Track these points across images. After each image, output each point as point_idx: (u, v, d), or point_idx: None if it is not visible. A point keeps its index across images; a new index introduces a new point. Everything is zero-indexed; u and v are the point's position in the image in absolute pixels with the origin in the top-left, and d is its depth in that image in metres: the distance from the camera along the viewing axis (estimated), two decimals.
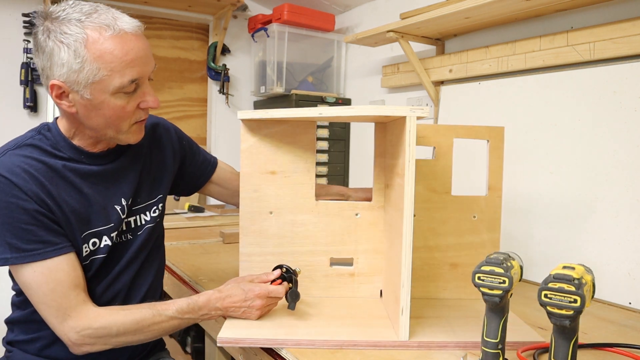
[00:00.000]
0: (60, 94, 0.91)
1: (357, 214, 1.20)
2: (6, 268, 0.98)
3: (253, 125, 1.17)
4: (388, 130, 1.15)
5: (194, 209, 2.47)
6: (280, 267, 1.09)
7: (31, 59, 2.17)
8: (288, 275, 1.07)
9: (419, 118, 0.94)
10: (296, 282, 1.07)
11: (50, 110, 2.18)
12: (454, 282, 1.21)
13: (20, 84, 2.16)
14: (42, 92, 2.22)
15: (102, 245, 1.00)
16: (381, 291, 1.20)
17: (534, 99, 1.57)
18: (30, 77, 2.17)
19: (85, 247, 0.98)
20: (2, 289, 1.32)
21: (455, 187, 1.22)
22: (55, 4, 0.91)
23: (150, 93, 0.96)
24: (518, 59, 1.60)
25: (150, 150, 1.12)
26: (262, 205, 1.18)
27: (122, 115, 0.93)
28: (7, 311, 1.08)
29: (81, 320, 0.91)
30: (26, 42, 2.17)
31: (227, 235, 1.88)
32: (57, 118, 1.02)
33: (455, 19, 1.66)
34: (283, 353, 0.92)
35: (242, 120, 1.15)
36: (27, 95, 2.17)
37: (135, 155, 1.08)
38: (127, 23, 0.90)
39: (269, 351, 0.96)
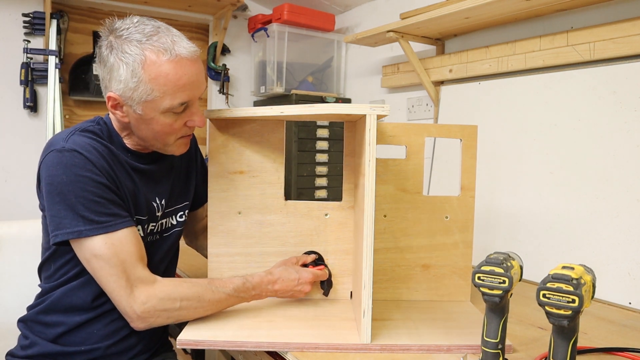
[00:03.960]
0: (115, 105, 0.98)
1: (326, 214, 1.19)
2: (28, 261, 0.98)
3: (221, 124, 1.17)
4: (357, 129, 1.14)
5: None
6: (313, 252, 1.18)
7: (31, 59, 2.18)
8: (320, 262, 1.17)
9: (379, 117, 0.94)
10: (329, 270, 1.17)
11: (50, 111, 2.17)
12: (425, 284, 1.20)
13: (20, 84, 2.16)
14: (42, 92, 2.22)
15: None
16: (351, 293, 1.19)
17: (534, 99, 1.57)
18: (30, 77, 2.17)
19: None
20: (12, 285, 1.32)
21: (434, 188, 1.21)
22: (121, 20, 0.97)
23: (198, 113, 1.02)
24: (518, 59, 1.60)
25: (181, 158, 1.19)
26: (230, 205, 1.18)
27: (169, 131, 1.00)
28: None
29: (148, 291, 0.96)
30: (26, 42, 2.16)
31: None
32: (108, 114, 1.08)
33: (455, 19, 1.66)
34: (288, 357, 0.92)
35: (210, 119, 1.15)
36: (27, 95, 2.17)
37: (171, 162, 1.15)
38: (185, 48, 0.96)
39: (272, 353, 0.95)
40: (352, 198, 1.18)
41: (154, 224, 1.10)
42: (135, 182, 1.04)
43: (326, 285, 1.16)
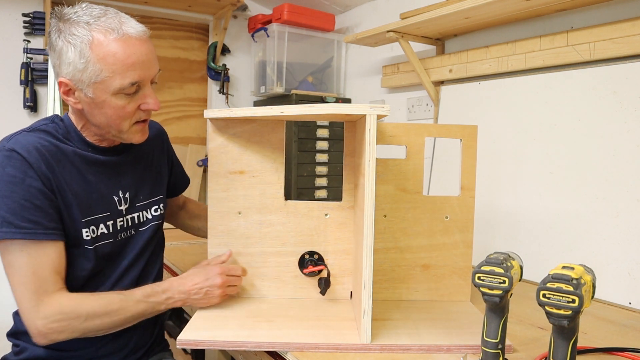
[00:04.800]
0: (67, 91, 0.97)
1: (326, 214, 1.18)
2: None
3: (221, 125, 1.16)
4: (357, 129, 1.13)
5: None
6: (313, 252, 1.18)
7: (31, 59, 2.18)
8: (320, 262, 1.17)
9: (379, 117, 0.94)
10: (327, 269, 1.16)
11: (50, 111, 2.17)
12: (425, 284, 1.20)
13: (20, 84, 2.16)
14: (42, 92, 2.22)
15: (99, 233, 1.03)
16: (351, 293, 1.19)
17: (534, 99, 1.57)
18: (30, 77, 2.17)
19: (87, 232, 1.01)
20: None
21: (434, 188, 1.21)
22: (69, 7, 0.96)
23: (151, 95, 1.00)
24: (518, 59, 1.60)
25: (152, 151, 1.18)
26: (230, 205, 1.17)
27: (122, 114, 0.98)
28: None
29: (53, 306, 0.92)
30: (26, 42, 2.16)
31: None
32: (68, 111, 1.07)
33: (455, 19, 1.66)
34: (288, 357, 0.92)
35: (210, 119, 1.14)
36: (27, 95, 2.17)
37: (137, 154, 1.13)
38: (133, 28, 0.94)
39: (272, 353, 0.95)
40: (352, 198, 1.18)
41: (121, 219, 1.08)
42: (88, 181, 1.01)
43: (323, 284, 1.15)
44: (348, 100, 2.59)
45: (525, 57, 1.58)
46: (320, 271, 1.17)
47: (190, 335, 0.95)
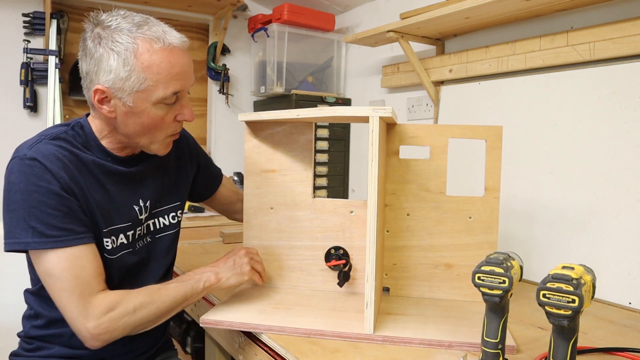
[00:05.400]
0: (102, 99, 0.95)
1: (351, 212, 1.23)
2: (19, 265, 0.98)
3: (255, 127, 1.24)
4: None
5: (194, 209, 2.47)
6: (339, 247, 1.23)
7: (31, 59, 2.18)
8: (343, 256, 1.21)
9: (382, 118, 0.97)
10: (350, 264, 1.21)
11: (50, 111, 2.17)
12: (448, 283, 1.21)
13: (20, 84, 2.16)
14: (42, 92, 2.22)
15: (118, 243, 1.03)
16: None
17: (534, 99, 1.57)
18: (30, 77, 2.17)
19: (107, 242, 0.99)
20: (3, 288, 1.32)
21: (452, 188, 1.21)
22: (106, 13, 0.94)
23: (187, 106, 1.01)
24: (518, 59, 1.60)
25: (169, 157, 1.15)
26: (263, 201, 1.25)
27: (159, 125, 0.98)
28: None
29: (101, 306, 0.91)
30: (26, 42, 2.17)
31: (227, 235, 1.88)
32: (88, 115, 1.04)
33: (455, 19, 1.66)
34: (288, 357, 0.92)
35: (245, 122, 1.21)
36: (27, 95, 2.17)
37: (157, 162, 1.12)
38: (176, 38, 0.95)
39: (273, 353, 0.96)
40: None
41: (140, 227, 1.08)
42: (107, 191, 1.00)
43: (342, 276, 1.18)
44: (348, 100, 2.59)
45: (525, 57, 1.58)
46: (343, 265, 1.20)
47: (213, 316, 1.03)
